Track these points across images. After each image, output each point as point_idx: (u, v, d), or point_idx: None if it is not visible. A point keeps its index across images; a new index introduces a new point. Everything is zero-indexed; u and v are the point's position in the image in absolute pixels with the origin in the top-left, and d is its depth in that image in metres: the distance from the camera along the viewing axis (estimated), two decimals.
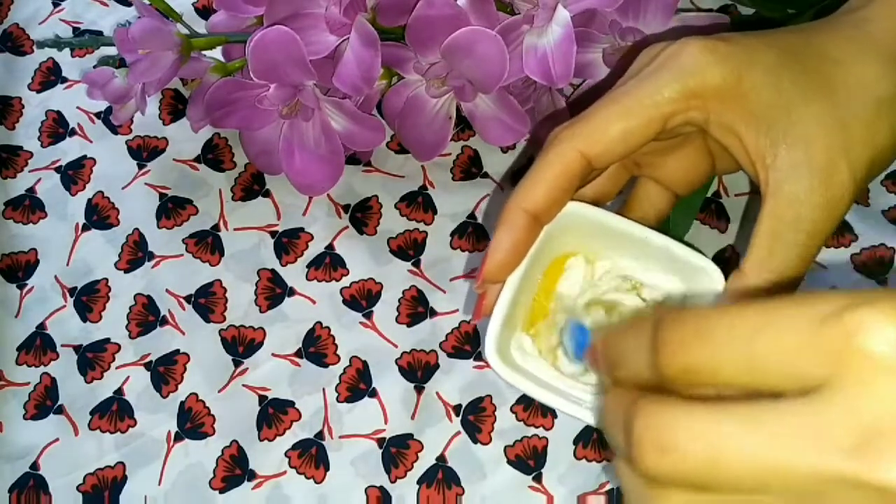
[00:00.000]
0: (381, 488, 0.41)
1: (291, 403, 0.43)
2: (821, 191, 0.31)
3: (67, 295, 0.46)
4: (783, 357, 0.20)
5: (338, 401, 0.43)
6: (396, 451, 0.42)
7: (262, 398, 0.43)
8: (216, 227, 0.47)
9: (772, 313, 0.21)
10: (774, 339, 0.20)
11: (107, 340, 0.45)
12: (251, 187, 0.48)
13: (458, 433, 0.42)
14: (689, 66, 0.31)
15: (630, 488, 0.23)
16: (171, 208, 0.48)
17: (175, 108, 0.51)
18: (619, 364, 0.25)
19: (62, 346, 0.45)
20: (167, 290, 0.46)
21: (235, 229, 0.47)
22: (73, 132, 0.51)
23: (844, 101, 0.31)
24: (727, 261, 0.44)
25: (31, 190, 0.49)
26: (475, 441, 0.42)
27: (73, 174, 0.49)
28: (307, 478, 0.42)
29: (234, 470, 0.42)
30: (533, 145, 0.48)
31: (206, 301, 0.46)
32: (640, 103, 0.31)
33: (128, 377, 0.44)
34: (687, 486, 0.21)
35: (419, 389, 0.43)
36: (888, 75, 0.32)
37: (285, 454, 0.42)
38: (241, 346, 0.44)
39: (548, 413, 0.42)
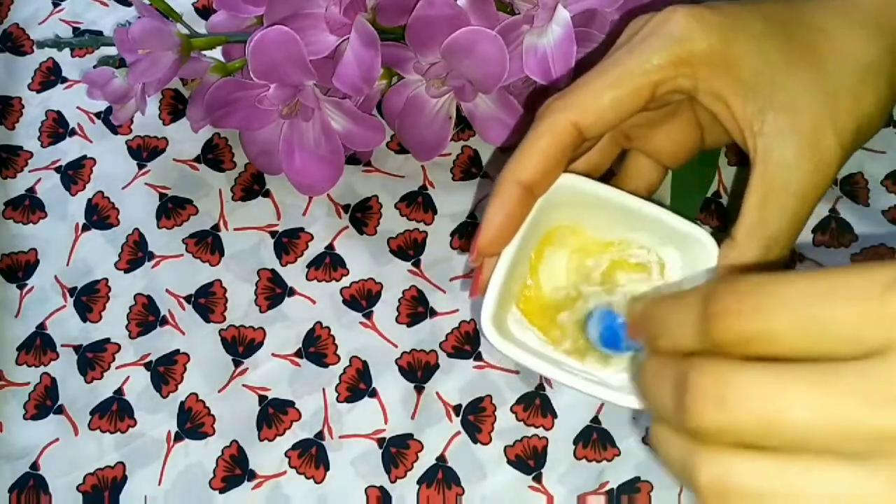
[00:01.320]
0: (381, 488, 0.41)
1: (291, 403, 0.43)
2: (809, 156, 0.31)
3: (67, 295, 0.46)
4: (845, 325, 0.21)
5: (338, 401, 0.43)
6: (396, 451, 0.42)
7: (262, 398, 0.43)
8: (216, 227, 0.47)
9: (833, 280, 0.21)
10: (837, 305, 0.21)
11: (107, 340, 0.45)
12: (251, 187, 0.48)
13: (458, 433, 0.42)
14: (676, 33, 0.31)
15: (674, 453, 0.23)
16: (171, 208, 0.48)
17: (175, 108, 0.51)
18: (664, 333, 0.25)
19: (62, 346, 0.45)
20: (167, 290, 0.46)
21: (235, 229, 0.47)
22: (73, 132, 0.51)
23: (830, 68, 0.32)
24: None
25: (31, 190, 0.49)
26: (475, 441, 0.42)
27: (73, 174, 0.49)
28: (307, 478, 0.42)
29: (234, 470, 0.42)
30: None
31: (206, 301, 0.46)
32: (630, 72, 0.31)
33: (128, 377, 0.44)
34: (739, 443, 0.21)
35: (419, 389, 0.43)
36: (873, 43, 0.32)
37: (285, 454, 0.42)
38: (241, 346, 0.44)
39: (548, 413, 0.42)
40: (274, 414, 0.43)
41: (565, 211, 0.34)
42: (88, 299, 0.46)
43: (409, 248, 0.46)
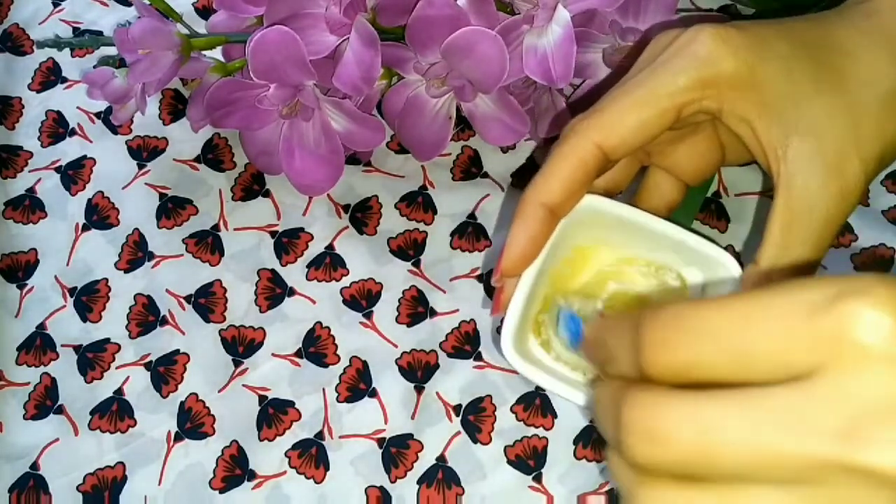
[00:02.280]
0: (381, 488, 0.41)
1: (291, 403, 0.43)
2: (833, 182, 0.31)
3: (67, 295, 0.46)
4: (772, 348, 0.20)
5: (338, 401, 0.43)
6: (396, 451, 0.42)
7: (262, 398, 0.43)
8: (216, 227, 0.47)
9: (759, 305, 0.21)
10: (763, 330, 0.20)
11: (107, 340, 0.45)
12: (251, 187, 0.48)
13: (458, 433, 0.42)
14: (702, 54, 0.31)
15: (621, 479, 0.23)
16: (171, 208, 0.48)
17: (175, 108, 0.51)
18: (607, 359, 0.25)
19: (62, 346, 0.45)
20: (167, 290, 0.46)
21: (235, 229, 0.47)
22: (73, 132, 0.51)
23: (855, 93, 0.32)
24: None
25: (31, 190, 0.49)
26: (475, 441, 0.42)
27: (73, 174, 0.49)
28: (307, 478, 0.42)
29: (234, 470, 0.42)
30: (540, 149, 0.48)
31: (206, 301, 0.46)
32: (655, 93, 0.31)
33: (128, 377, 0.44)
34: (676, 475, 0.21)
35: (419, 389, 0.43)
36: None
37: (285, 454, 0.42)
38: (241, 346, 0.44)
39: (548, 413, 0.42)
40: (274, 414, 0.43)
41: (587, 231, 0.34)
42: (88, 299, 0.46)
43: (409, 248, 0.46)
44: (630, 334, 0.23)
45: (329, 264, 0.46)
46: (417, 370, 0.43)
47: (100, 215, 0.48)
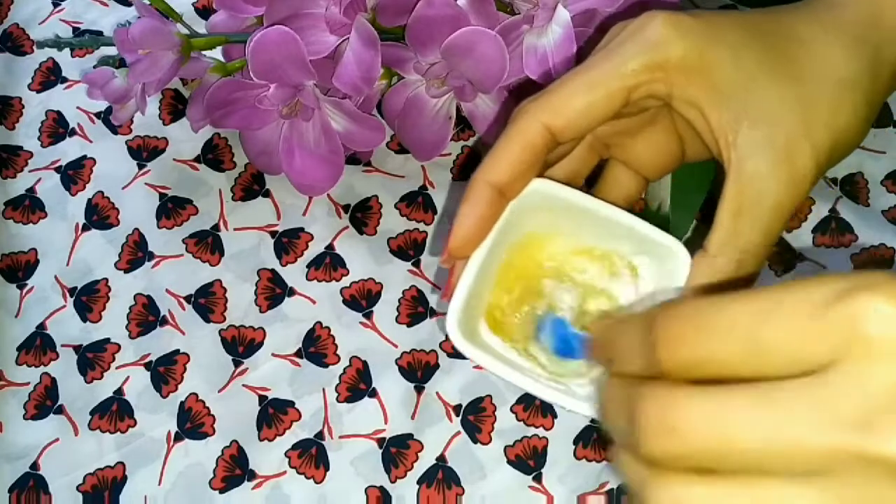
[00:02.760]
0: (381, 488, 0.41)
1: (291, 403, 0.43)
2: (783, 168, 0.31)
3: (67, 295, 0.46)
4: (787, 343, 0.21)
5: (338, 401, 0.43)
6: (396, 451, 0.42)
7: (262, 398, 0.43)
8: (216, 227, 0.47)
9: (772, 301, 0.21)
10: (777, 326, 0.21)
11: (107, 340, 0.45)
12: (251, 187, 0.48)
13: (458, 433, 0.42)
14: (652, 38, 0.31)
15: (632, 476, 0.23)
16: (171, 208, 0.48)
17: (175, 108, 0.51)
18: (618, 358, 0.25)
19: (62, 346, 0.45)
20: (167, 290, 0.46)
21: (235, 229, 0.47)
22: (73, 132, 0.51)
23: (808, 80, 0.32)
24: None
25: (31, 190, 0.49)
26: (475, 441, 0.42)
27: (73, 174, 0.49)
28: (307, 478, 0.42)
29: (234, 470, 0.42)
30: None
31: (206, 301, 0.46)
32: (604, 75, 0.31)
33: (128, 377, 0.44)
34: (691, 468, 0.21)
35: (419, 389, 0.43)
36: (852, 57, 0.32)
37: (285, 454, 0.42)
38: (241, 346, 0.44)
39: (548, 413, 0.42)
40: (274, 414, 0.43)
41: (537, 217, 0.34)
42: (88, 299, 0.46)
43: (409, 248, 0.46)
44: (643, 332, 0.23)
45: (329, 264, 0.46)
46: (417, 370, 0.43)
47: (100, 215, 0.48)
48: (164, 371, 0.44)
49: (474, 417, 0.42)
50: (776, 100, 0.31)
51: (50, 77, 0.52)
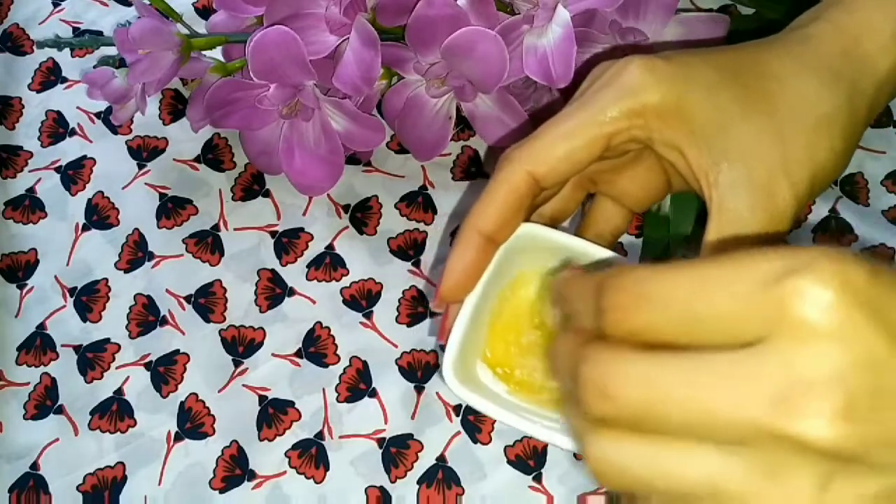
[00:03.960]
0: (381, 488, 0.41)
1: (291, 403, 0.43)
2: (763, 207, 0.31)
3: (67, 295, 0.46)
4: (720, 315, 0.22)
5: (338, 401, 0.43)
6: (396, 451, 0.42)
7: (262, 398, 0.43)
8: (216, 227, 0.47)
9: (710, 272, 0.22)
10: (712, 299, 0.22)
11: (107, 340, 0.45)
12: (251, 187, 0.48)
13: (458, 433, 0.42)
14: (628, 85, 0.32)
15: (575, 427, 0.25)
16: (171, 208, 0.48)
17: (175, 108, 0.51)
18: (571, 313, 0.26)
19: (62, 346, 0.45)
20: (167, 290, 0.46)
21: (235, 229, 0.47)
22: (73, 132, 0.51)
23: (785, 117, 0.32)
24: None
25: (31, 190, 0.49)
26: (475, 441, 0.42)
27: (73, 174, 0.49)
28: (307, 478, 0.42)
29: (234, 470, 0.42)
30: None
31: (206, 301, 0.46)
32: (583, 123, 0.32)
33: (128, 377, 0.44)
34: (626, 427, 0.23)
35: (419, 389, 0.43)
36: (828, 93, 0.32)
37: (285, 454, 0.42)
38: (241, 346, 0.44)
39: None
40: (274, 414, 0.43)
41: (527, 258, 0.34)
42: (88, 299, 0.46)
43: (409, 248, 0.46)
44: (593, 294, 0.24)
45: (329, 264, 0.46)
46: (417, 370, 0.43)
47: (100, 215, 0.48)
48: (164, 371, 0.44)
49: (474, 417, 0.42)
50: (754, 138, 0.31)
51: (50, 77, 0.52)
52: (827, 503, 0.20)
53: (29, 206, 0.49)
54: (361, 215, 0.47)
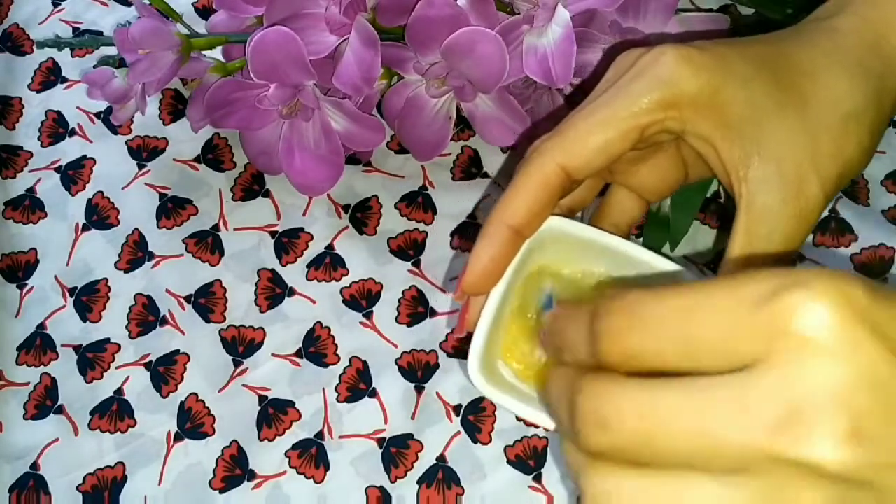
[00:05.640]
0: (381, 488, 0.41)
1: (291, 403, 0.43)
2: (793, 203, 0.31)
3: (67, 295, 0.46)
4: (715, 337, 0.21)
5: (338, 401, 0.43)
6: (396, 451, 0.42)
7: (262, 398, 0.43)
8: (216, 227, 0.47)
9: (704, 296, 0.21)
10: (708, 321, 0.21)
11: (107, 340, 0.45)
12: (251, 187, 0.48)
13: (458, 433, 0.42)
14: (665, 75, 0.31)
15: (573, 465, 0.24)
16: (171, 208, 0.48)
17: (175, 108, 0.51)
18: (564, 347, 0.26)
19: (62, 346, 0.45)
20: (167, 290, 0.46)
21: (235, 229, 0.47)
22: (73, 132, 0.51)
23: (815, 114, 0.32)
24: None
25: (31, 190, 0.49)
26: (475, 441, 0.42)
27: (73, 174, 0.49)
28: (307, 478, 0.42)
29: (234, 470, 0.42)
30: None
31: (206, 301, 0.46)
32: (618, 115, 0.31)
33: (128, 377, 0.44)
34: (624, 461, 0.22)
35: (419, 389, 0.43)
36: (856, 90, 0.32)
37: (285, 454, 0.42)
38: (241, 346, 0.44)
39: None
40: (274, 414, 0.43)
41: (552, 253, 0.34)
42: (88, 299, 0.46)
43: (409, 248, 0.46)
44: (586, 323, 0.24)
45: (329, 264, 0.46)
46: (417, 370, 0.43)
47: (100, 215, 0.48)
48: (164, 371, 0.44)
49: (474, 417, 0.42)
50: (785, 134, 0.31)
51: (50, 77, 0.52)
52: None
53: (29, 206, 0.49)
54: (361, 215, 0.47)
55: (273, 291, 0.46)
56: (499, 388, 0.32)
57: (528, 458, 0.41)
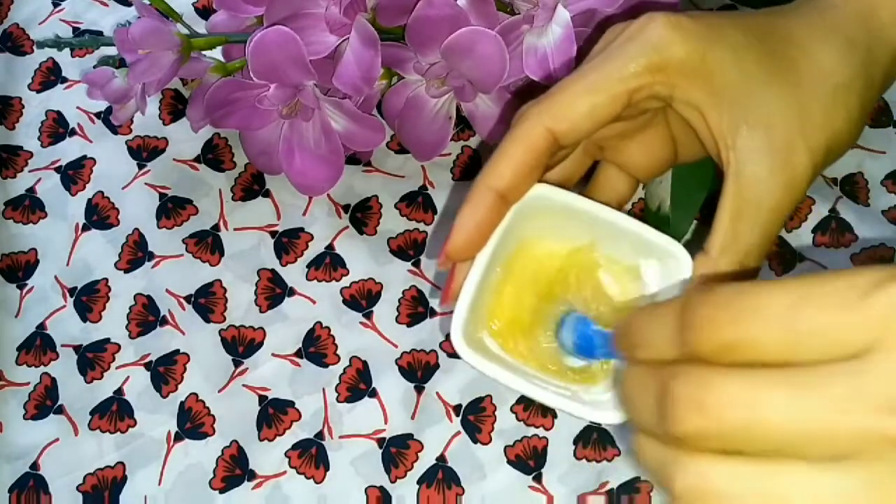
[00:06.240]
0: (381, 488, 0.41)
1: (291, 403, 0.43)
2: (781, 172, 0.31)
3: (67, 295, 0.46)
4: (823, 330, 0.21)
5: (338, 401, 0.43)
6: (396, 451, 0.42)
7: (262, 398, 0.43)
8: (216, 227, 0.47)
9: (810, 288, 0.21)
10: (815, 313, 0.21)
11: (107, 340, 0.45)
12: (251, 187, 0.48)
13: (458, 433, 0.42)
14: (654, 40, 0.31)
15: (655, 460, 0.23)
16: (171, 208, 0.48)
17: (175, 108, 0.51)
18: (643, 345, 0.25)
19: (62, 346, 0.45)
20: (167, 290, 0.46)
21: (235, 229, 0.47)
22: (73, 132, 0.51)
23: (805, 85, 0.32)
24: None
25: (31, 190, 0.49)
26: (475, 441, 0.42)
27: (73, 174, 0.49)
28: (307, 478, 0.42)
29: (234, 470, 0.42)
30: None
31: (206, 301, 0.46)
32: (606, 78, 0.31)
33: (128, 377, 0.44)
34: (719, 448, 0.22)
35: (419, 389, 0.43)
36: (846, 62, 0.32)
37: (285, 454, 0.42)
38: (241, 346, 0.44)
39: (548, 413, 0.42)
40: (274, 414, 0.43)
41: (539, 221, 0.33)
42: (88, 299, 0.46)
43: (409, 248, 0.46)
44: (673, 318, 0.23)
45: (329, 264, 0.46)
46: (417, 370, 0.43)
47: (100, 215, 0.48)
48: (164, 371, 0.44)
49: (474, 417, 0.42)
50: (775, 103, 0.31)
51: (50, 77, 0.52)
52: None
53: (29, 206, 0.49)
54: (361, 215, 0.47)
55: (273, 291, 0.46)
56: (483, 356, 0.32)
57: (528, 459, 0.41)
